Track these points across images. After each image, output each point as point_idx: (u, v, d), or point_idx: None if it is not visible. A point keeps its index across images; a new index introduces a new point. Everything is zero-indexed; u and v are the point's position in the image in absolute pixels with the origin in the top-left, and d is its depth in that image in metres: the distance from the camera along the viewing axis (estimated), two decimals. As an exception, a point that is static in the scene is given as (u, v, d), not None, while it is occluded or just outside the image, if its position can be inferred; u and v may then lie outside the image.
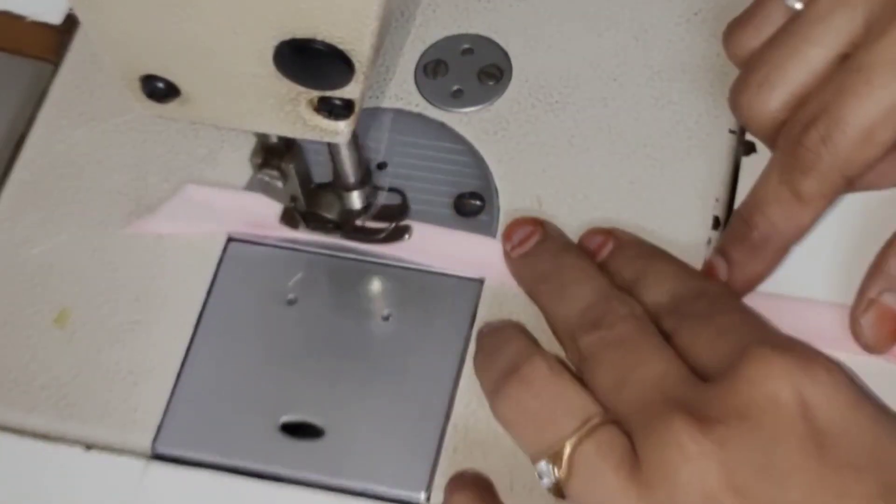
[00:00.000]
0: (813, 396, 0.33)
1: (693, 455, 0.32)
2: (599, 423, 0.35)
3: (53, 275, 0.45)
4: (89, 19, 0.36)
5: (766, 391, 0.33)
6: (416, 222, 0.45)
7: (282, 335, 0.43)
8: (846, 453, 0.32)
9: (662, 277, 0.40)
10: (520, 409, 0.37)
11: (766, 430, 0.32)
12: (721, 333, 0.36)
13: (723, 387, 0.34)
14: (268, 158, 0.42)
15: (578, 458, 0.35)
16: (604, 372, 0.37)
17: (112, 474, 0.41)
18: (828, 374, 0.33)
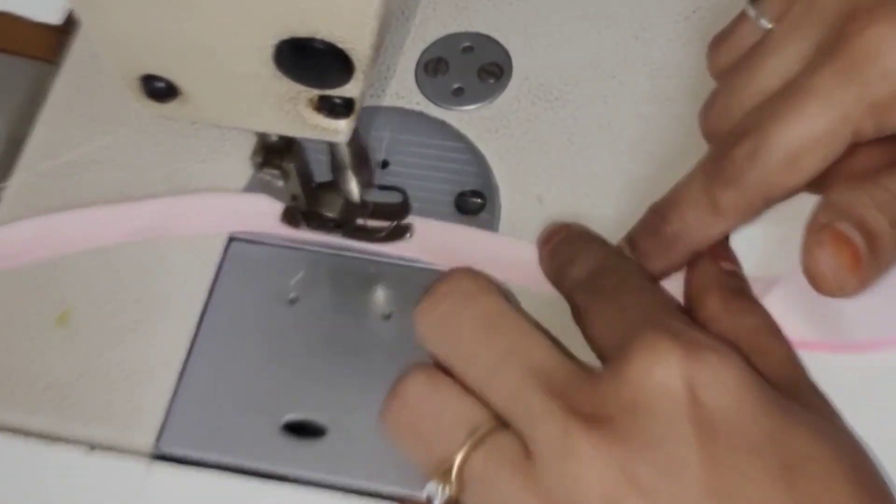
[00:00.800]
0: (702, 382, 0.32)
1: (590, 458, 0.31)
2: (487, 432, 0.33)
3: (55, 275, 0.45)
4: (89, 19, 0.36)
5: (655, 381, 0.32)
6: (418, 217, 0.45)
7: (284, 334, 0.43)
8: (741, 436, 0.31)
9: (588, 256, 0.40)
10: (400, 427, 0.35)
11: (658, 421, 0.31)
12: (619, 312, 0.36)
13: (611, 379, 0.33)
14: (268, 157, 0.42)
15: (469, 473, 0.33)
16: (465, 358, 0.35)
17: (115, 474, 0.41)
18: (717, 358, 0.32)
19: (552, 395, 0.33)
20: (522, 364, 0.34)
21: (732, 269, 0.41)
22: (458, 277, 0.36)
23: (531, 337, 0.34)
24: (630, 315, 0.36)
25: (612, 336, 0.35)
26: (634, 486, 0.31)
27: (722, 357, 0.32)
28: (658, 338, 0.33)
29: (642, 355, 0.32)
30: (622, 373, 0.32)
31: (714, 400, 0.32)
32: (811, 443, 0.32)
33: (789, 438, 0.32)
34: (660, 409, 0.32)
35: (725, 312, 0.38)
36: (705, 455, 0.31)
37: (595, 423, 0.32)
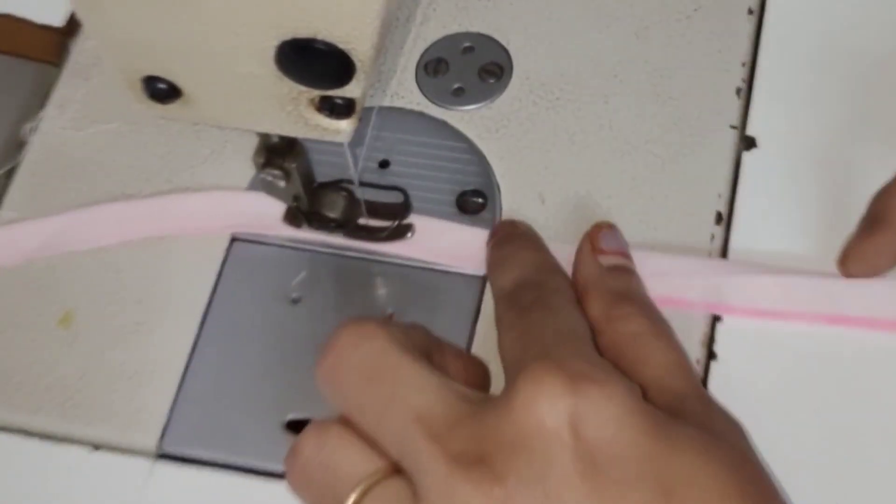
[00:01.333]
0: (583, 416, 0.31)
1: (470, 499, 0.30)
2: (375, 482, 0.32)
3: (58, 276, 0.45)
4: (91, 21, 0.36)
5: (535, 417, 0.31)
6: (419, 216, 0.45)
7: (286, 334, 0.44)
8: (621, 468, 0.31)
9: (515, 263, 0.40)
10: (299, 486, 0.34)
11: (538, 458, 0.31)
12: (525, 332, 0.35)
13: (494, 413, 0.32)
14: (270, 158, 0.42)
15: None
16: (354, 407, 0.34)
17: (118, 474, 0.41)
18: (599, 390, 0.32)
19: (433, 440, 0.32)
20: (405, 409, 0.33)
21: (615, 264, 0.40)
22: (343, 328, 0.35)
23: (414, 380, 0.34)
24: (531, 337, 0.35)
25: (512, 356, 0.35)
26: None
27: (605, 389, 0.32)
28: (544, 371, 0.32)
29: (527, 388, 0.32)
30: (507, 407, 0.32)
31: (594, 433, 0.31)
32: (691, 464, 0.31)
33: (669, 463, 0.31)
34: (540, 446, 0.31)
35: (606, 321, 0.37)
36: (585, 490, 0.31)
37: (475, 464, 0.31)
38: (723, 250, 0.44)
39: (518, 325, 0.36)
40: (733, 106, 0.47)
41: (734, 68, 0.48)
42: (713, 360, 0.42)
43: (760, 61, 0.48)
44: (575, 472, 0.31)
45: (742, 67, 0.48)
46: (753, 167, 0.46)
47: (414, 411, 0.33)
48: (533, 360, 0.32)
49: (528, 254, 0.41)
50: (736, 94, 0.47)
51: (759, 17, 0.49)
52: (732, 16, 0.49)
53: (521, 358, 0.34)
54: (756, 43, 0.48)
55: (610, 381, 0.32)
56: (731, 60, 0.48)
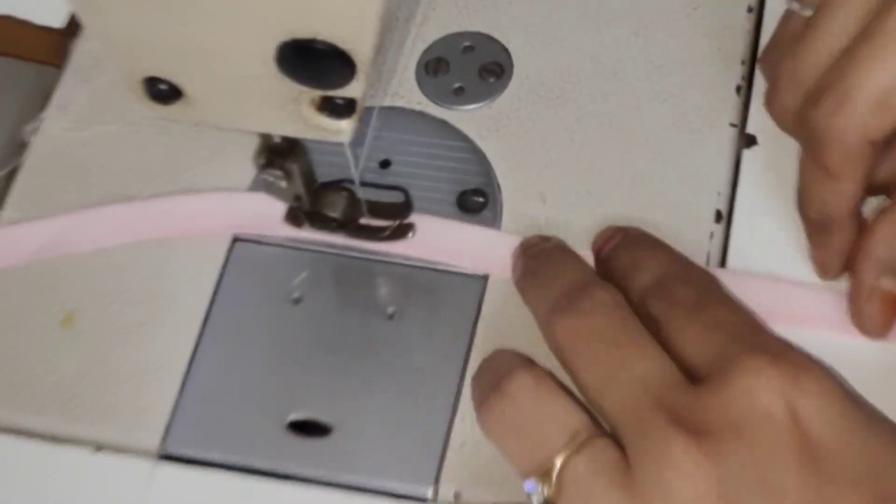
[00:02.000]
0: (805, 409, 0.32)
1: (689, 471, 0.32)
2: (588, 438, 0.34)
3: (60, 277, 0.46)
4: (91, 22, 0.36)
5: (759, 404, 0.32)
6: (420, 215, 0.45)
7: (288, 334, 0.44)
8: (840, 466, 0.32)
9: (653, 262, 0.40)
10: (504, 424, 0.36)
11: (760, 445, 0.32)
12: (709, 328, 0.36)
13: (714, 395, 0.33)
14: (271, 158, 0.42)
15: (568, 476, 0.33)
16: (586, 367, 0.36)
17: (121, 475, 0.42)
18: (818, 385, 0.33)
19: (658, 406, 0.33)
20: (634, 374, 0.34)
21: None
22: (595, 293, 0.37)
23: (646, 350, 0.35)
24: (723, 332, 0.35)
25: (705, 352, 0.35)
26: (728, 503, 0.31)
27: (821, 382, 0.33)
28: (762, 362, 0.33)
29: (747, 379, 0.33)
30: (727, 393, 0.33)
31: (816, 427, 0.32)
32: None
33: (884, 466, 0.32)
34: (764, 434, 0.32)
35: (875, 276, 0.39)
36: (802, 483, 0.31)
37: (696, 436, 0.32)
38: (722, 248, 0.44)
39: (694, 323, 0.36)
40: (733, 104, 0.47)
41: (734, 66, 0.48)
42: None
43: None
44: (794, 463, 0.31)
45: (742, 65, 0.48)
46: (753, 165, 0.46)
47: (642, 378, 0.34)
48: (743, 351, 0.33)
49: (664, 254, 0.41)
50: (736, 91, 0.47)
51: (759, 14, 0.49)
52: (732, 13, 0.49)
53: (722, 353, 0.34)
54: (756, 40, 0.48)
55: (822, 372, 0.33)
56: (731, 58, 0.48)
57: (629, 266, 0.40)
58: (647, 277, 0.39)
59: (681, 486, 0.32)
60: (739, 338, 0.35)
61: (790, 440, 0.32)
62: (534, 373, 0.36)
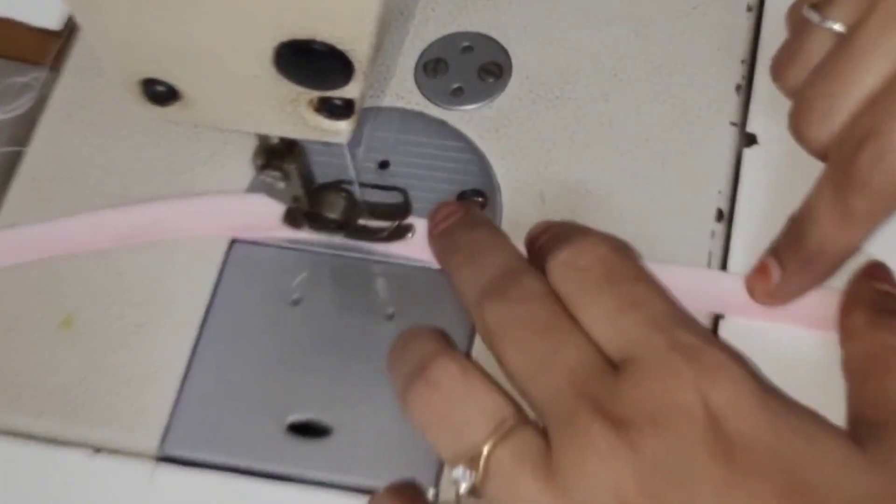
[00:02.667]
0: (720, 404, 0.33)
1: (609, 459, 0.32)
2: (514, 426, 0.34)
3: (59, 279, 0.45)
4: (89, 24, 0.36)
5: (677, 400, 0.33)
6: (419, 217, 0.45)
7: (287, 335, 0.44)
8: (752, 458, 0.32)
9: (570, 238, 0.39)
10: (429, 412, 0.36)
11: (676, 437, 0.33)
12: (625, 309, 0.36)
13: (634, 387, 0.34)
14: (270, 159, 0.42)
15: (494, 463, 0.34)
16: (514, 354, 0.36)
17: (120, 477, 0.41)
18: (733, 381, 0.33)
19: (581, 394, 0.34)
20: (561, 362, 0.35)
21: (888, 290, 0.41)
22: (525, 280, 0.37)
23: (574, 338, 0.36)
24: (638, 313, 0.36)
25: (622, 336, 0.35)
26: (647, 493, 0.32)
27: (739, 380, 0.34)
28: (678, 356, 0.34)
29: (664, 374, 0.33)
30: (644, 385, 0.34)
31: (730, 422, 0.33)
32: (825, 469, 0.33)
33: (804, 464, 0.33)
34: (680, 427, 0.33)
35: (867, 326, 0.39)
36: (717, 474, 0.32)
37: (616, 426, 0.33)
38: (724, 247, 0.44)
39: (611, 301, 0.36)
40: (733, 103, 0.47)
41: (734, 65, 0.48)
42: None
43: (760, 58, 0.48)
44: (710, 456, 0.32)
45: (742, 64, 0.48)
46: (754, 164, 0.45)
47: (568, 366, 0.35)
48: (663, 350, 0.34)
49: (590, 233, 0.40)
50: (736, 90, 0.47)
51: (759, 13, 0.49)
52: (732, 12, 0.49)
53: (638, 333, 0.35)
54: (756, 39, 0.48)
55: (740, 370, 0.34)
56: (731, 57, 0.48)
57: (550, 246, 0.40)
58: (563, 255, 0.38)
59: (600, 473, 0.32)
60: (658, 326, 0.35)
61: (705, 434, 0.33)
62: (457, 359, 0.36)
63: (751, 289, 0.43)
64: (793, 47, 0.42)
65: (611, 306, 0.36)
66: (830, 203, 0.39)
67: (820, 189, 0.40)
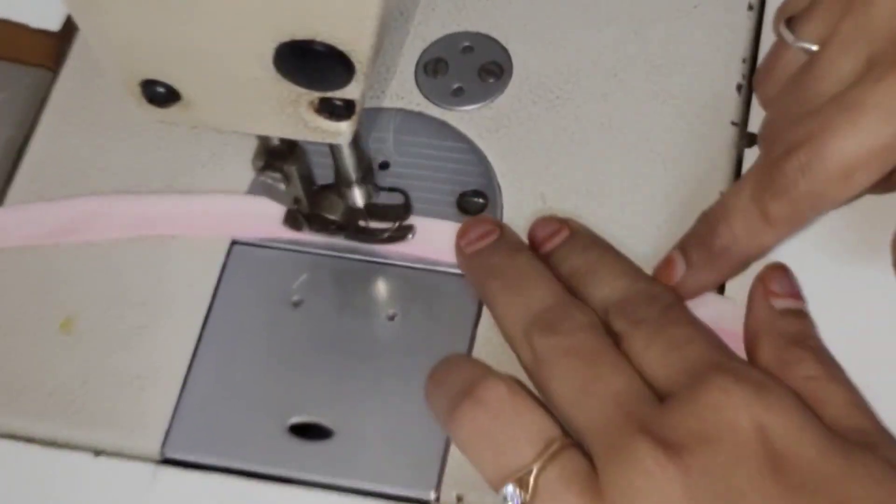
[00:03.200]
0: (769, 424, 0.34)
1: (658, 480, 0.33)
2: (561, 447, 0.35)
3: (59, 281, 0.45)
4: (88, 25, 0.36)
5: (727, 419, 0.34)
6: (420, 218, 0.45)
7: (288, 337, 0.43)
8: (800, 475, 0.33)
9: (614, 273, 0.41)
10: (477, 431, 0.36)
11: (726, 455, 0.33)
12: (673, 347, 0.37)
13: (683, 411, 0.35)
14: (270, 161, 0.42)
15: (542, 484, 0.35)
16: (561, 381, 0.37)
17: (121, 479, 0.41)
18: (780, 401, 0.34)
19: (627, 418, 0.35)
20: (606, 389, 0.36)
21: (787, 307, 0.40)
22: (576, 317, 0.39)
23: (616, 364, 0.37)
24: (686, 351, 0.37)
25: (670, 371, 0.37)
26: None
27: (783, 399, 0.35)
28: (729, 381, 0.35)
29: (715, 396, 0.34)
30: (695, 409, 0.35)
31: (779, 440, 0.34)
32: (867, 487, 0.33)
33: (845, 481, 0.33)
34: (730, 445, 0.34)
35: (779, 367, 0.39)
36: (766, 489, 0.33)
37: (667, 448, 0.34)
38: (725, 248, 0.44)
39: (658, 341, 0.38)
40: (734, 102, 0.47)
41: (734, 65, 0.48)
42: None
43: (761, 57, 0.47)
44: (759, 472, 0.33)
45: (742, 64, 0.48)
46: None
47: (613, 392, 0.36)
48: (713, 374, 0.35)
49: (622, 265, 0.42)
50: (737, 90, 0.47)
51: (760, 12, 0.49)
52: (732, 12, 0.49)
53: (686, 368, 0.36)
54: (756, 39, 0.48)
55: (785, 392, 0.35)
56: (732, 57, 0.48)
57: (585, 273, 0.41)
58: (609, 291, 0.40)
59: (648, 491, 0.33)
60: (704, 358, 0.36)
61: (755, 450, 0.33)
62: (505, 381, 0.37)
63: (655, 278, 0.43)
64: (769, 62, 0.43)
65: (663, 348, 0.37)
66: (748, 202, 0.39)
67: (739, 188, 0.40)
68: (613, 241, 0.44)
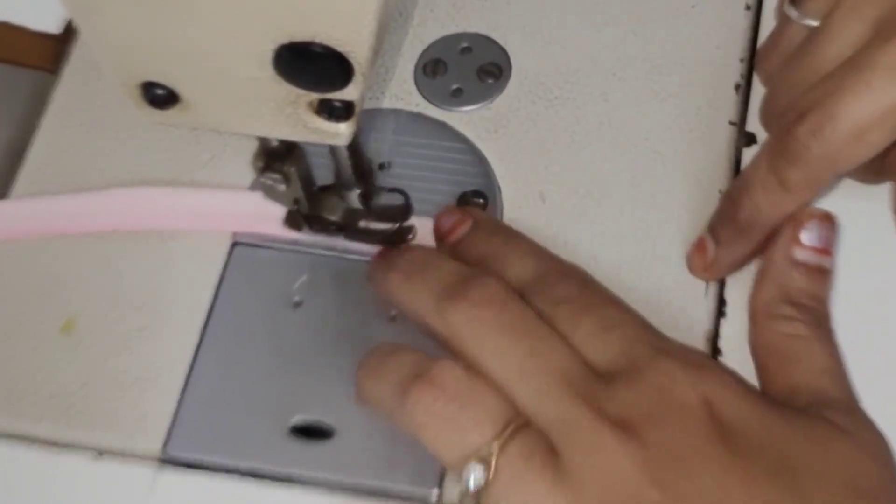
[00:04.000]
0: (714, 399, 0.35)
1: (619, 457, 0.34)
2: (520, 426, 0.36)
3: (59, 283, 0.45)
4: (87, 27, 0.36)
5: (675, 398, 0.35)
6: (420, 218, 0.45)
7: (289, 337, 0.43)
8: (745, 440, 0.35)
9: (522, 253, 0.41)
10: (434, 412, 0.36)
11: (678, 429, 0.35)
12: (606, 328, 0.38)
13: (633, 390, 0.36)
14: (270, 162, 0.42)
15: (503, 462, 0.35)
16: (494, 358, 0.37)
17: (123, 480, 0.41)
18: (721, 379, 0.36)
19: (578, 397, 0.35)
20: (547, 366, 0.36)
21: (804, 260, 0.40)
22: (488, 282, 0.38)
23: (550, 341, 0.37)
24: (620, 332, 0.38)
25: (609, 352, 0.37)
26: (657, 483, 0.34)
27: (725, 377, 0.37)
28: (671, 364, 0.36)
29: (659, 376, 0.36)
30: (641, 387, 0.36)
31: (725, 412, 0.35)
32: (809, 451, 0.35)
33: (788, 443, 0.35)
34: (681, 420, 0.35)
35: (767, 316, 0.40)
36: (717, 456, 0.34)
37: (621, 425, 0.35)
38: (724, 246, 0.44)
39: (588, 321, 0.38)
40: (732, 102, 0.47)
41: (732, 64, 0.48)
42: (718, 355, 0.42)
43: (759, 57, 0.48)
44: (709, 441, 0.34)
45: (740, 63, 0.48)
46: (753, 163, 0.45)
47: (557, 368, 0.36)
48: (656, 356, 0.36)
49: (529, 246, 0.42)
50: (735, 89, 0.47)
51: (757, 12, 0.49)
52: (730, 11, 0.49)
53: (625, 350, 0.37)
54: (754, 38, 0.48)
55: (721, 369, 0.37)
56: (730, 56, 0.48)
57: (493, 258, 0.41)
58: (522, 271, 0.40)
59: (610, 469, 0.34)
60: (641, 339, 0.37)
61: (704, 422, 0.35)
62: (459, 363, 0.37)
63: (690, 264, 0.43)
64: (773, 40, 0.43)
65: (592, 329, 0.38)
66: (766, 172, 0.40)
67: (757, 160, 0.40)
68: (613, 240, 0.44)
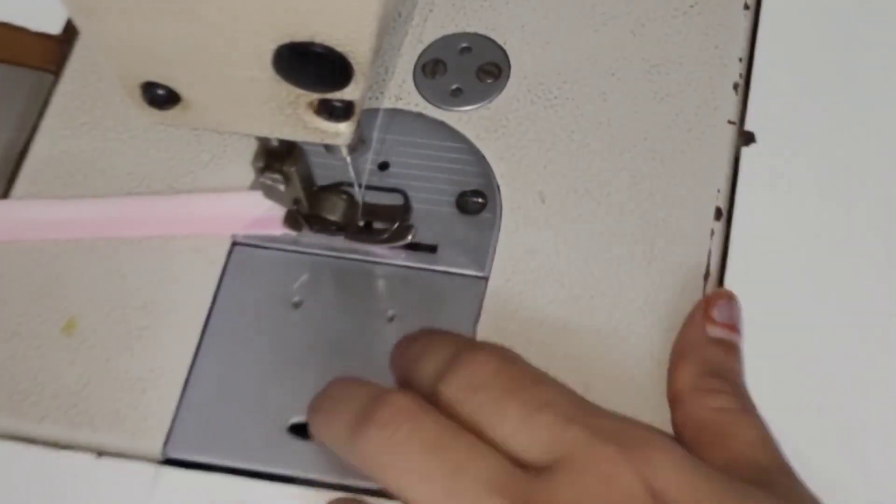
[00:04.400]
0: (662, 485, 0.33)
1: None
2: None
3: (60, 283, 0.46)
4: (88, 28, 0.36)
5: (618, 487, 0.33)
6: (419, 217, 0.45)
7: (288, 338, 0.44)
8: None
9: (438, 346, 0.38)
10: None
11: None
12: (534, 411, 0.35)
13: (574, 484, 0.33)
14: (270, 162, 0.42)
15: None
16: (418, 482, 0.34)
17: (124, 480, 0.42)
18: (667, 457, 0.34)
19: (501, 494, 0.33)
20: (475, 480, 0.33)
21: (720, 337, 0.40)
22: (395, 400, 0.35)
23: (476, 450, 0.34)
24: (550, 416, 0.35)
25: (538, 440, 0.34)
26: None
27: (670, 454, 0.34)
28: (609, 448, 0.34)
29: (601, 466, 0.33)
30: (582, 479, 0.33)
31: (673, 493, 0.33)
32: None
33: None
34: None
35: (692, 391, 0.39)
36: None
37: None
38: (723, 246, 0.44)
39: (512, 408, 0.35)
40: (731, 101, 0.47)
41: (731, 63, 0.48)
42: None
43: (757, 56, 0.48)
44: None
45: (739, 63, 0.48)
46: (752, 162, 0.46)
47: (484, 481, 0.33)
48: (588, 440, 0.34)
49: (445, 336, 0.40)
50: (734, 89, 0.47)
51: (756, 11, 0.49)
52: (729, 11, 0.49)
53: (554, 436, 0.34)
54: (753, 38, 0.48)
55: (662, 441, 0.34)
56: (729, 56, 0.48)
57: (413, 361, 0.38)
58: (437, 363, 0.37)
59: None
60: (571, 419, 0.34)
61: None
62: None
63: None
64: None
65: (519, 415, 0.35)
66: None
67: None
68: (613, 240, 0.44)
